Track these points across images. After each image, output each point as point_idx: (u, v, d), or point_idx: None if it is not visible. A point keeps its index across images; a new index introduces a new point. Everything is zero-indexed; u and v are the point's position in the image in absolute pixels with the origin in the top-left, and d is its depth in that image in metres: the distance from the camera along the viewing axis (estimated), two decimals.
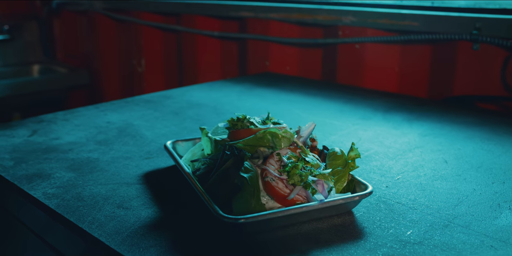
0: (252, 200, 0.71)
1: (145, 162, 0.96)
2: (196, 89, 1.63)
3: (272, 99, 1.51)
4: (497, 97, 1.45)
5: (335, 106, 1.44)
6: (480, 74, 1.48)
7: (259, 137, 0.78)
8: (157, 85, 2.46)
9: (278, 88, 1.66)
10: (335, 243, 0.67)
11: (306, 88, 1.66)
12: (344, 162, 0.80)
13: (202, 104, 1.43)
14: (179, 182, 0.86)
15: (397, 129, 1.22)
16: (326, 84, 1.78)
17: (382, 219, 0.75)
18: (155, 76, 2.47)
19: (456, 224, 0.74)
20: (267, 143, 0.79)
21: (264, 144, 0.79)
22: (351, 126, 1.24)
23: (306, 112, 1.36)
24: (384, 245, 0.67)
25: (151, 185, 0.85)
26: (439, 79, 1.58)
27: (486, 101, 1.48)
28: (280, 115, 1.31)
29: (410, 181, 0.89)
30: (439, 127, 1.24)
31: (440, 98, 1.57)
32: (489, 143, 1.12)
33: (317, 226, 0.72)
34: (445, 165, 0.98)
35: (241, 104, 1.43)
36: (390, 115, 1.35)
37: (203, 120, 1.25)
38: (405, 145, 1.10)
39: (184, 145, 0.96)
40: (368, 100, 1.51)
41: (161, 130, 1.17)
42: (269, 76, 1.89)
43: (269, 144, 0.79)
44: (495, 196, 0.84)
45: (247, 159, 0.75)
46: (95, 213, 0.75)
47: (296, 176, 0.73)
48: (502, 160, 1.01)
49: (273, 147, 0.79)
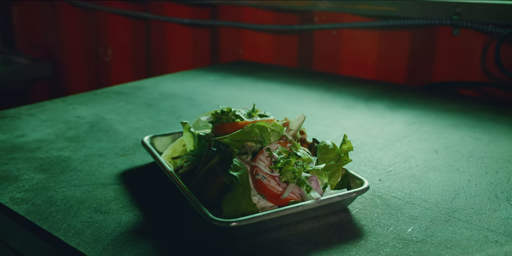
0: (243, 200, 0.66)
1: (121, 159, 0.89)
2: (168, 79, 1.56)
3: (249, 88, 1.45)
4: (478, 83, 1.43)
5: (315, 94, 1.39)
6: (460, 60, 1.46)
7: (246, 132, 0.73)
8: (125, 75, 2.37)
9: (254, 77, 1.60)
10: (335, 244, 0.63)
11: (283, 76, 1.61)
12: (336, 155, 0.76)
13: (176, 95, 1.36)
14: (160, 182, 0.80)
15: (382, 118, 1.18)
16: (303, 71, 1.73)
17: (380, 216, 0.71)
18: (123, 66, 2.37)
19: (456, 218, 0.70)
20: (255, 138, 0.73)
21: (252, 139, 0.73)
22: (334, 116, 1.19)
23: (286, 101, 1.31)
24: (386, 245, 0.63)
25: (130, 185, 0.79)
26: (419, 65, 1.55)
27: (466, 87, 1.46)
28: (259, 105, 1.25)
29: (403, 173, 0.86)
30: (423, 114, 1.21)
31: (420, 84, 1.55)
32: (475, 130, 1.10)
33: (313, 226, 0.67)
34: (436, 155, 0.95)
35: (217, 94, 1.37)
36: (372, 103, 1.31)
37: (179, 112, 1.19)
38: (392, 135, 1.06)
39: (163, 141, 0.90)
40: (348, 88, 1.47)
41: (135, 124, 1.10)
42: (243, 64, 1.83)
43: (257, 139, 0.73)
44: (491, 187, 0.81)
45: (236, 155, 0.69)
46: (70, 219, 0.68)
47: (289, 173, 0.68)
48: (491, 149, 0.99)
49: (261, 141, 0.73)
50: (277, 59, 1.87)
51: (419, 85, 1.54)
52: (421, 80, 1.55)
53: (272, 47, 1.88)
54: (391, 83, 1.56)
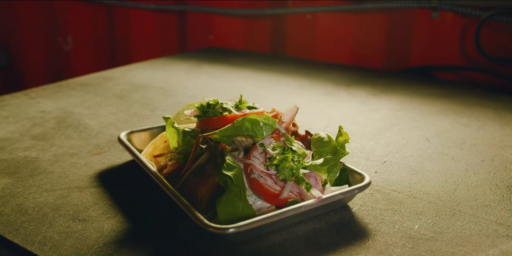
0: (240, 203, 0.60)
1: (95, 158, 0.81)
2: (137, 68, 1.47)
3: (223, 76, 1.39)
4: (457, 67, 1.41)
5: (293, 81, 1.34)
6: (439, 43, 1.43)
7: (237, 126, 0.66)
8: (87, 64, 2.24)
9: (227, 64, 1.53)
10: (341, 246, 0.58)
11: (258, 63, 1.55)
12: (333, 148, 0.71)
13: (147, 85, 1.27)
14: (142, 183, 0.73)
15: (366, 105, 1.14)
16: (277, 57, 1.67)
17: (383, 212, 0.66)
18: (85, 55, 2.25)
19: (462, 211, 0.67)
20: (245, 132, 0.67)
21: (242, 133, 0.67)
22: (317, 104, 1.14)
23: (264, 89, 1.26)
24: (395, 245, 0.59)
25: (109, 188, 0.71)
26: (396, 49, 1.52)
27: (445, 70, 1.44)
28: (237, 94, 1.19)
29: (398, 164, 0.82)
30: (408, 100, 1.18)
31: (397, 68, 1.51)
32: (462, 116, 1.07)
33: (315, 227, 0.62)
34: (428, 144, 0.91)
35: (191, 84, 1.29)
36: (354, 89, 1.27)
37: (153, 104, 1.11)
38: (380, 123, 1.02)
39: (141, 137, 0.83)
40: (326, 74, 1.42)
41: (107, 118, 1.02)
42: (214, 51, 1.76)
43: (247, 133, 0.67)
44: (490, 176, 0.78)
45: (228, 153, 0.63)
46: (45, 230, 0.60)
47: (286, 170, 0.62)
48: (482, 135, 0.96)
49: (252, 136, 0.67)
50: (249, 45, 1.81)
51: (397, 70, 1.51)
52: (399, 64, 1.52)
53: (243, 32, 1.81)
54: (368, 68, 1.52)
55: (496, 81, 1.35)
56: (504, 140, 0.93)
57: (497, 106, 1.14)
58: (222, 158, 0.63)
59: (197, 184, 0.62)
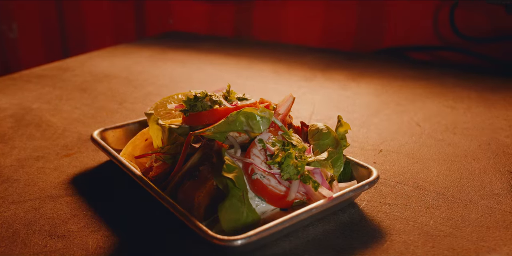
0: (244, 208, 0.53)
1: (65, 161, 0.72)
2: (96, 57, 1.36)
3: (192, 63, 1.30)
4: (431, 47, 1.38)
5: (266, 66, 1.27)
6: (411, 23, 1.40)
7: (231, 121, 0.59)
8: (36, 54, 2.09)
9: (193, 50, 1.44)
10: (357, 250, 0.53)
11: (225, 48, 1.47)
12: (334, 140, 0.65)
13: (110, 75, 1.17)
14: (124, 188, 0.65)
15: (347, 90, 1.09)
16: (244, 41, 1.59)
17: (393, 208, 0.61)
18: (33, 44, 2.09)
19: (473, 202, 0.63)
20: (239, 127, 0.60)
21: (236, 129, 0.60)
22: (298, 90, 1.08)
23: (239, 77, 1.18)
24: (414, 244, 0.54)
25: (87, 196, 0.63)
26: (367, 30, 1.47)
27: (419, 51, 1.41)
28: (210, 82, 1.12)
29: (396, 153, 0.77)
30: (387, 84, 1.14)
31: (369, 50, 1.47)
32: (446, 99, 1.04)
33: (325, 228, 0.57)
34: (420, 129, 0.87)
35: (158, 72, 1.20)
36: (331, 73, 1.22)
37: (120, 96, 1.02)
38: (365, 108, 0.97)
39: (116, 134, 0.74)
40: (298, 58, 1.36)
41: (71, 113, 0.92)
42: (176, 36, 1.66)
43: (241, 128, 0.60)
44: (491, 162, 0.75)
45: (225, 152, 0.56)
46: (19, 251, 0.52)
47: (291, 168, 0.56)
48: (471, 118, 0.93)
49: (247, 131, 0.61)
50: (213, 29, 1.72)
51: (369, 51, 1.47)
52: (370, 45, 1.47)
53: (206, 16, 1.72)
54: (340, 51, 1.48)
55: (469, 60, 1.33)
56: (494, 123, 0.91)
57: (478, 87, 1.12)
58: (219, 158, 0.56)
59: (192, 188, 0.55)
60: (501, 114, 0.95)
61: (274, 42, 1.58)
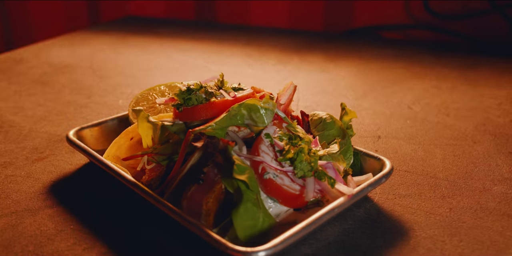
0: (260, 212, 0.48)
1: (38, 166, 0.64)
2: (51, 46, 1.25)
3: (157, 49, 1.21)
4: (404, 26, 1.35)
5: (237, 50, 1.21)
6: (382, 2, 1.36)
7: (233, 115, 0.53)
8: None
9: (156, 35, 1.35)
10: (385, 249, 0.49)
11: (190, 32, 1.39)
12: (339, 130, 0.60)
13: (71, 65, 1.07)
14: (112, 194, 0.58)
15: (327, 72, 1.05)
16: (208, 24, 1.51)
17: (408, 200, 0.58)
18: None
19: (487, 189, 0.60)
20: (240, 121, 0.54)
21: (237, 123, 0.54)
22: (277, 75, 1.03)
23: (210, 62, 1.11)
24: (441, 239, 0.50)
25: (70, 206, 0.55)
26: (337, 10, 1.43)
27: (392, 30, 1.38)
28: (184, 70, 1.04)
29: (396, 139, 0.74)
30: (366, 64, 1.10)
31: (340, 30, 1.43)
32: (430, 78, 1.01)
33: (343, 228, 0.52)
34: (413, 112, 0.84)
35: (124, 61, 1.11)
36: (306, 56, 1.17)
37: (87, 89, 0.93)
38: (352, 91, 0.93)
39: (94, 133, 0.67)
40: (268, 40, 1.30)
41: (35, 111, 0.82)
42: (134, 20, 1.56)
43: (242, 122, 0.54)
44: (491, 144, 0.72)
45: (232, 150, 0.50)
46: None
47: (304, 165, 0.51)
48: (459, 97, 0.91)
49: (249, 125, 0.55)
50: (172, 12, 1.62)
51: (341, 31, 1.43)
52: (341, 25, 1.43)
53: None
54: (310, 31, 1.43)
55: (441, 38, 1.32)
56: (483, 102, 0.89)
57: (457, 65, 1.10)
58: (226, 157, 0.50)
59: (199, 193, 0.49)
60: (486, 92, 0.94)
61: (239, 24, 1.51)
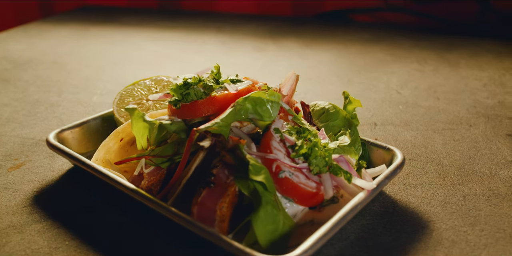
0: (280, 215, 0.44)
1: (16, 175, 0.58)
2: (7, 39, 1.15)
3: (124, 40, 1.14)
4: (375, 9, 1.33)
5: (210, 38, 1.15)
6: None
7: (238, 110, 0.49)
8: None
9: (120, 25, 1.27)
10: (410, 245, 0.46)
11: (155, 20, 1.32)
12: (344, 120, 0.57)
13: (33, 60, 0.99)
14: (107, 202, 0.52)
15: (306, 58, 1.01)
16: (172, 12, 1.44)
17: (420, 190, 0.55)
18: None
19: (494, 173, 0.59)
20: (244, 116, 0.50)
21: (240, 118, 0.50)
22: (255, 63, 0.99)
23: (184, 51, 1.05)
24: (464, 230, 0.49)
25: (60, 218, 0.50)
26: None
27: (363, 13, 1.35)
28: (158, 61, 0.98)
29: (393, 125, 0.71)
30: (344, 49, 1.08)
31: (310, 14, 1.40)
32: (411, 61, 1.00)
33: (362, 224, 0.50)
34: (402, 96, 0.82)
35: (89, 53, 1.04)
36: (281, 41, 1.13)
37: (55, 85, 0.86)
38: (335, 78, 0.90)
39: (76, 134, 0.61)
40: (240, 26, 1.26)
41: (1, 112, 0.75)
42: (92, 10, 1.47)
43: (246, 117, 0.50)
44: (486, 126, 0.71)
45: (244, 149, 0.46)
46: None
47: (320, 160, 0.47)
48: (443, 80, 0.90)
49: (254, 119, 0.51)
50: (132, 1, 1.54)
51: (311, 15, 1.40)
52: (311, 10, 1.40)
53: None
54: (280, 16, 1.39)
55: (413, 20, 1.31)
56: (468, 83, 0.88)
57: (433, 47, 1.09)
58: (237, 156, 0.46)
59: (211, 198, 0.45)
60: (468, 74, 0.93)
61: (206, 11, 1.45)
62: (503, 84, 0.88)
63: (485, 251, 0.46)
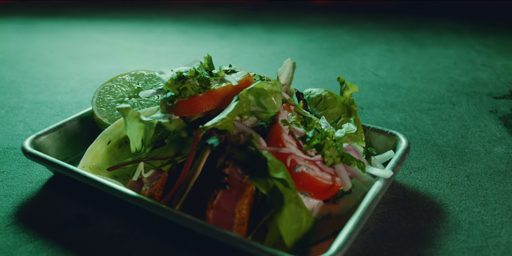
0: (303, 212, 0.41)
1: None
2: None
3: (77, 33, 1.07)
4: None
5: (169, 27, 1.10)
6: None
7: (242, 103, 0.46)
8: None
9: (70, 17, 1.19)
10: (431, 231, 0.45)
11: (106, 11, 1.24)
12: (343, 107, 0.55)
13: None
14: (103, 214, 0.48)
15: (273, 44, 0.99)
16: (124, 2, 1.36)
17: (424, 173, 0.55)
18: None
19: (489, 151, 0.59)
20: (246, 109, 0.47)
21: (242, 111, 0.47)
22: (222, 51, 0.95)
23: (145, 43, 0.99)
24: (475, 210, 0.48)
25: (54, 235, 0.45)
26: None
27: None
28: (120, 54, 0.92)
29: (378, 108, 0.70)
30: (309, 32, 1.06)
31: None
32: (378, 42, 1.00)
33: (378, 213, 0.48)
34: (380, 78, 0.81)
35: (43, 50, 0.96)
36: (244, 27, 1.09)
37: (11, 86, 0.78)
38: (310, 63, 0.88)
39: (52, 139, 0.55)
40: (199, 14, 1.20)
41: None
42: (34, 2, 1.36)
43: (248, 109, 0.47)
44: (468, 104, 0.72)
45: (256, 145, 0.43)
46: None
47: (333, 151, 0.45)
48: (414, 60, 0.90)
49: (256, 112, 0.48)
50: None
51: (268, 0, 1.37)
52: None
53: None
54: (236, 2, 1.34)
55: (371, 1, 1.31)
56: (440, 62, 0.89)
57: (396, 27, 1.09)
58: (250, 153, 0.42)
59: (228, 200, 0.41)
60: (436, 52, 0.94)
61: None
62: (471, 61, 0.89)
63: (503, 230, 0.46)
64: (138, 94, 0.55)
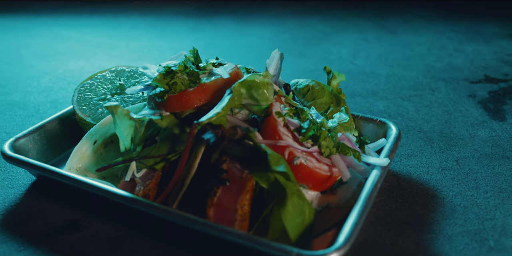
0: (306, 205, 0.41)
1: None
2: None
3: (41, 30, 1.02)
4: None
5: (137, 22, 1.07)
6: None
7: (234, 96, 0.44)
8: None
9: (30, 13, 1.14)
10: (430, 214, 0.46)
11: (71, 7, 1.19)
12: (331, 96, 0.55)
13: None
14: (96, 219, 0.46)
15: (247, 35, 0.97)
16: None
17: (414, 159, 0.55)
18: None
19: (474, 135, 0.60)
20: (238, 102, 0.46)
21: (234, 105, 0.45)
22: (197, 44, 0.93)
23: (116, 39, 0.96)
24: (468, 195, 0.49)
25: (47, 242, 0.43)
26: None
27: None
28: (91, 51, 0.89)
29: (360, 96, 0.70)
30: (281, 23, 1.05)
31: None
32: (351, 31, 1.00)
33: (374, 202, 0.48)
34: (358, 67, 0.81)
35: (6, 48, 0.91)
36: (216, 19, 1.07)
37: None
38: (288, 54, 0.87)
39: (33, 141, 0.52)
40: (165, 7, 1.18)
41: None
42: None
43: (240, 103, 0.46)
44: (450, 89, 0.73)
45: (254, 138, 0.41)
46: None
47: (328, 141, 0.45)
48: (390, 47, 0.91)
49: (247, 105, 0.46)
50: None
51: None
52: None
53: None
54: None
55: None
56: (414, 49, 0.90)
57: (367, 15, 1.10)
58: (248, 147, 0.41)
59: (228, 197, 0.40)
60: (409, 40, 0.95)
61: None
62: (444, 47, 0.91)
63: (498, 212, 0.46)
64: (124, 91, 0.53)
